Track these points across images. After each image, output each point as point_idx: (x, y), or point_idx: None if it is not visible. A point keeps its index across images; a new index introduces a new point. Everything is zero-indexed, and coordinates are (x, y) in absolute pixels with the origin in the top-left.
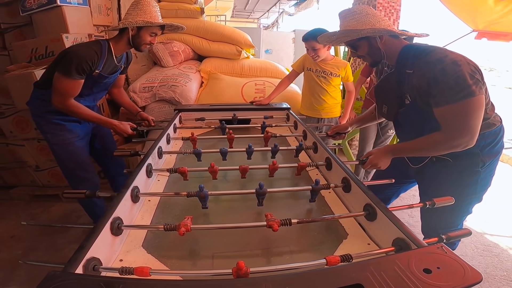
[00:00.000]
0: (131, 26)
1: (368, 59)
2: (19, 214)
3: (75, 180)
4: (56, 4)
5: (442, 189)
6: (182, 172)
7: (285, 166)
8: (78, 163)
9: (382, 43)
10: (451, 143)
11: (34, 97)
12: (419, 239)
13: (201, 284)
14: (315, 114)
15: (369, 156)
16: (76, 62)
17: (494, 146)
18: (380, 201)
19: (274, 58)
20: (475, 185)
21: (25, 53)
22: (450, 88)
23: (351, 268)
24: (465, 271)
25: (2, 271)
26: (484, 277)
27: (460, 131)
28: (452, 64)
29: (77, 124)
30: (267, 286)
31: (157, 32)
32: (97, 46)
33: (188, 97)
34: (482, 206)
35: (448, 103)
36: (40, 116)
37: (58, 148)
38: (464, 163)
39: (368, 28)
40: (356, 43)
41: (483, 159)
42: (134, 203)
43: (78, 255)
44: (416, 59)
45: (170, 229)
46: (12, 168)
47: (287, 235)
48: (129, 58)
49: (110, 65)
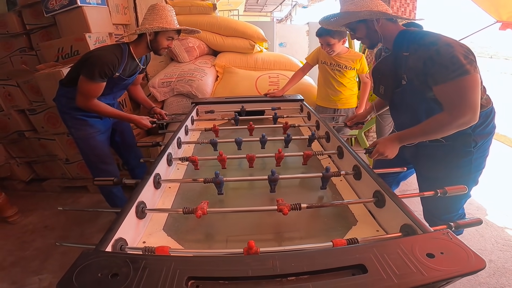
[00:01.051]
0: (148, 32)
1: (366, 41)
2: (51, 205)
3: (97, 172)
4: (77, 5)
5: (437, 170)
6: (192, 160)
7: (291, 155)
8: (99, 156)
9: (379, 26)
10: (456, 122)
11: (60, 95)
12: (426, 225)
13: (214, 259)
14: (331, 105)
15: (376, 145)
16: (99, 66)
17: (486, 127)
18: (389, 188)
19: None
20: (469, 166)
21: (52, 53)
22: (446, 67)
23: (355, 249)
24: (468, 257)
25: (36, 260)
26: (502, 272)
27: (461, 108)
28: (446, 46)
29: (98, 120)
30: (274, 262)
31: (173, 36)
32: (118, 51)
33: (204, 91)
34: (504, 201)
35: (445, 81)
36: (65, 112)
37: (81, 142)
38: (457, 144)
39: (364, 10)
40: (355, 25)
41: (475, 139)
42: (156, 189)
43: (107, 236)
44: (412, 42)
45: (188, 212)
46: (44, 162)
47: (298, 220)
48: (148, 59)
49: (130, 67)
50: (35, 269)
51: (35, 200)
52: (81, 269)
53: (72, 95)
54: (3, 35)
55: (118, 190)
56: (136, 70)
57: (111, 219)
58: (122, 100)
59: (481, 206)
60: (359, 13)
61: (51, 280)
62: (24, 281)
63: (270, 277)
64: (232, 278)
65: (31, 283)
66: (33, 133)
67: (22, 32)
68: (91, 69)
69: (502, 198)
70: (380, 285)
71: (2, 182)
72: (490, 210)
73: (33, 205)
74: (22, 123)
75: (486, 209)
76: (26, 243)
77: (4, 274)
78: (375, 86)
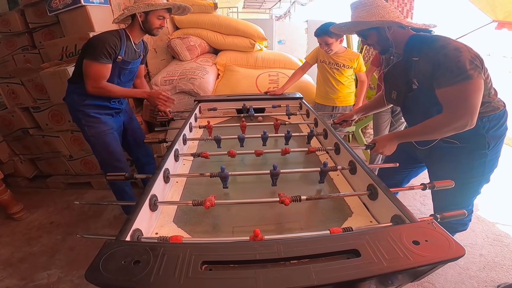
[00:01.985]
0: (137, 12)
1: (377, 48)
2: (55, 202)
3: (110, 169)
4: (80, 4)
5: (451, 171)
6: (204, 156)
7: (296, 150)
8: (112, 153)
9: (391, 33)
10: (453, 124)
11: (70, 92)
12: (414, 216)
13: (224, 245)
14: (329, 102)
15: (376, 142)
16: (100, 46)
17: (499, 129)
18: (381, 181)
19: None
20: (483, 167)
21: (56, 51)
22: (451, 71)
23: (350, 236)
24: (450, 245)
25: (44, 256)
26: (492, 266)
27: (460, 111)
28: (455, 50)
29: (111, 117)
30: (278, 247)
31: (164, 15)
32: (116, 32)
33: (206, 89)
34: (495, 196)
35: (448, 85)
36: (78, 110)
37: (95, 139)
38: (472, 146)
39: (377, 19)
40: (366, 32)
41: (489, 141)
42: (166, 183)
43: (126, 226)
44: (422, 47)
45: (197, 204)
46: (48, 158)
47: (297, 212)
48: (146, 48)
49: (130, 51)
50: (43, 265)
51: (40, 196)
52: (106, 257)
53: (82, 91)
54: (6, 34)
55: (130, 188)
56: (137, 56)
57: (115, 215)
58: None
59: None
60: (371, 22)
61: (59, 275)
62: (33, 276)
63: (275, 260)
64: (241, 261)
65: (40, 279)
66: (37, 130)
67: (24, 31)
68: (93, 50)
69: (493, 193)
70: (371, 267)
71: (5, 179)
72: (482, 205)
73: (38, 202)
74: (26, 121)
75: (478, 204)
76: (33, 239)
77: (12, 270)
78: (386, 92)
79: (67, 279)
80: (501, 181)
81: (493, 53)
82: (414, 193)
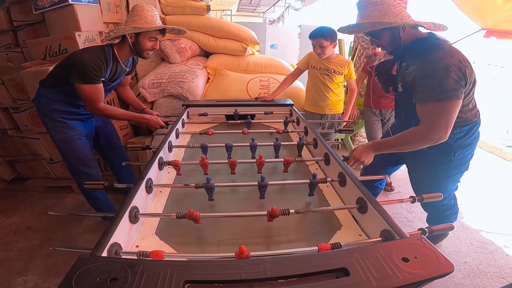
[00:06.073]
0: (126, 34)
1: (388, 48)
2: (34, 206)
3: (79, 175)
4: (68, 3)
5: (425, 172)
6: (175, 165)
7: (272, 161)
8: (80, 159)
9: (405, 33)
10: (427, 138)
11: (40, 95)
12: (403, 231)
13: (208, 264)
14: (318, 110)
15: (353, 153)
16: (87, 70)
17: (468, 139)
18: (371, 195)
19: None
20: (449, 170)
21: (40, 50)
22: (432, 89)
23: (339, 254)
24: (439, 261)
25: (20, 261)
26: (476, 274)
27: (436, 126)
28: (444, 70)
29: (80, 123)
30: (265, 266)
31: (156, 36)
32: (102, 53)
33: (195, 93)
34: (479, 204)
35: (429, 101)
36: (45, 114)
37: (62, 144)
38: (438, 152)
39: (398, 21)
40: (379, 32)
41: (455, 149)
42: (148, 194)
43: (103, 240)
44: (416, 54)
45: (182, 217)
46: (27, 161)
47: (286, 225)
48: (135, 61)
49: (115, 71)
50: (20, 271)
51: (17, 200)
52: (80, 273)
53: (53, 97)
54: None
55: (101, 193)
56: (121, 73)
57: (96, 220)
58: (110, 100)
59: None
60: (391, 22)
61: (36, 281)
62: (9, 282)
63: (262, 280)
64: (226, 281)
65: (16, 284)
66: (16, 131)
67: (9, 29)
68: (81, 74)
69: (478, 202)
70: (361, 287)
71: None
72: (466, 213)
73: (15, 205)
74: (5, 121)
75: (463, 212)
76: (9, 244)
77: None
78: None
79: (44, 285)
80: (484, 189)
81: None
82: None
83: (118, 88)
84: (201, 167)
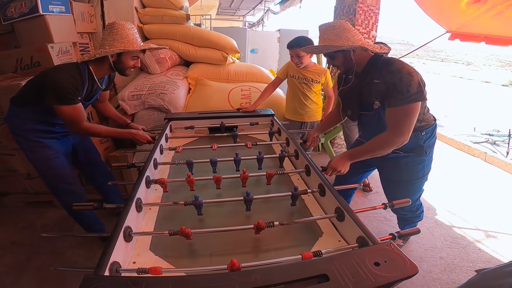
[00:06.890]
0: (109, 54)
1: (342, 68)
2: (15, 221)
3: (60, 193)
4: (39, 14)
5: (399, 175)
6: (161, 182)
7: (255, 175)
8: (60, 176)
9: (355, 55)
10: (395, 140)
11: (11, 115)
12: (375, 237)
13: (205, 278)
14: (298, 118)
15: (330, 163)
16: (64, 91)
17: (432, 139)
18: (347, 204)
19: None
20: (423, 170)
21: (10, 63)
22: (401, 93)
23: (320, 261)
24: (405, 264)
25: (8, 277)
26: (451, 268)
27: (402, 129)
28: (408, 75)
29: (56, 141)
30: (256, 277)
31: (138, 55)
32: (77, 72)
33: (176, 105)
34: (451, 200)
35: (397, 105)
36: (18, 134)
37: (39, 164)
38: (414, 154)
39: (346, 43)
40: (334, 54)
41: (426, 149)
42: (138, 212)
43: (103, 260)
44: (381, 70)
45: (174, 234)
46: (4, 177)
47: (272, 234)
48: (111, 77)
49: (91, 89)
50: (10, 286)
51: None
52: None
53: (26, 116)
54: None
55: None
56: (97, 91)
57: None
58: (88, 113)
59: (432, 206)
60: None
61: None
62: None
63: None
64: None
65: None
66: None
67: None
68: (58, 96)
69: (449, 198)
70: None
71: None
72: (439, 210)
73: None
74: None
75: (436, 208)
76: None
77: None
78: (343, 108)
79: None
80: (454, 185)
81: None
82: (379, 201)
83: (98, 104)
84: (187, 184)
